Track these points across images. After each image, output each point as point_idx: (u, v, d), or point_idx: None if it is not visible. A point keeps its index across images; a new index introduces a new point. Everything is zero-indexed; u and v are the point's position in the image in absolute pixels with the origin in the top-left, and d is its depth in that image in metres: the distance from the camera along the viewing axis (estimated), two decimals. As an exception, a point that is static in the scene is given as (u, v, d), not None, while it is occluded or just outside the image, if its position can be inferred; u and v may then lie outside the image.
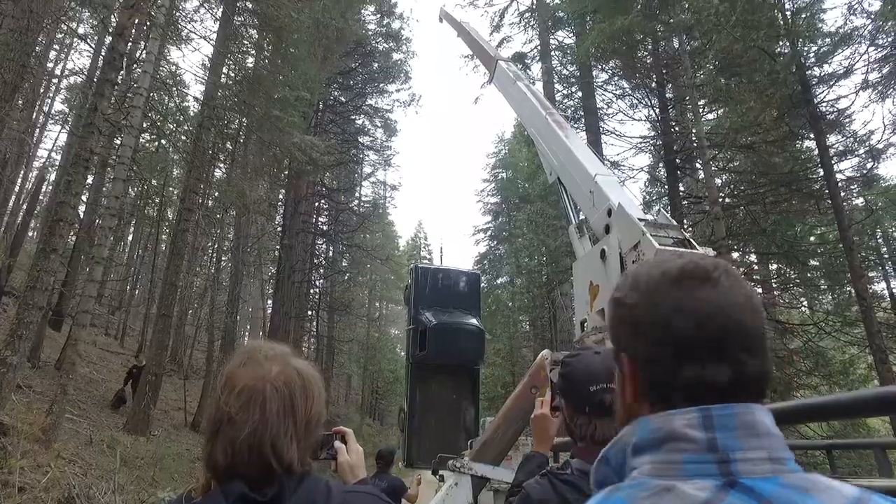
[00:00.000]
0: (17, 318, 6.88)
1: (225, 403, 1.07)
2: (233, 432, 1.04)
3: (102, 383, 15.65)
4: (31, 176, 29.74)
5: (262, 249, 29.70)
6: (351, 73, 25.84)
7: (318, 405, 1.15)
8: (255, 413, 1.05)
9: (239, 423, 1.04)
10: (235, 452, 1.03)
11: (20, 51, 10.91)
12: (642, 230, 5.31)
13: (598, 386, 1.48)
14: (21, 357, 6.94)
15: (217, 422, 1.06)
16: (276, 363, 1.13)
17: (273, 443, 1.04)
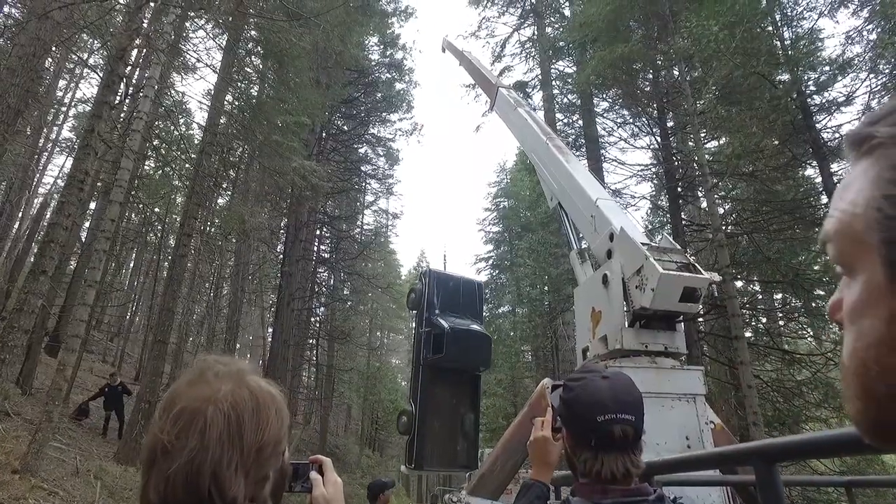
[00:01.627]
0: (1, 342, 6.70)
1: (160, 430, 0.91)
2: (166, 463, 0.86)
3: (96, 411, 15.32)
4: (36, 202, 29.91)
5: (262, 277, 29.58)
6: (354, 101, 26.10)
7: (274, 430, 0.98)
8: (193, 439, 0.89)
9: (174, 452, 0.87)
10: (168, 488, 0.86)
11: (25, 76, 11.00)
12: (645, 254, 5.17)
13: (607, 416, 1.31)
14: (4, 382, 6.72)
15: (152, 452, 0.90)
16: (226, 381, 0.97)
17: (214, 474, 0.87)
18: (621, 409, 1.32)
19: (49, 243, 7.28)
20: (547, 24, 21.66)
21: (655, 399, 4.89)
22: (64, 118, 33.11)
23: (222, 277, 24.48)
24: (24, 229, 27.64)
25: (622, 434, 1.30)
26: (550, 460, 1.68)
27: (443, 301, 9.46)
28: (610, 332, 5.34)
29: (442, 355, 8.82)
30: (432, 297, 9.33)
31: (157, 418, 0.92)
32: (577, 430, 1.36)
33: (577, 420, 1.35)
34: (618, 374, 1.42)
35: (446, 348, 8.82)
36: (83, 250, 18.88)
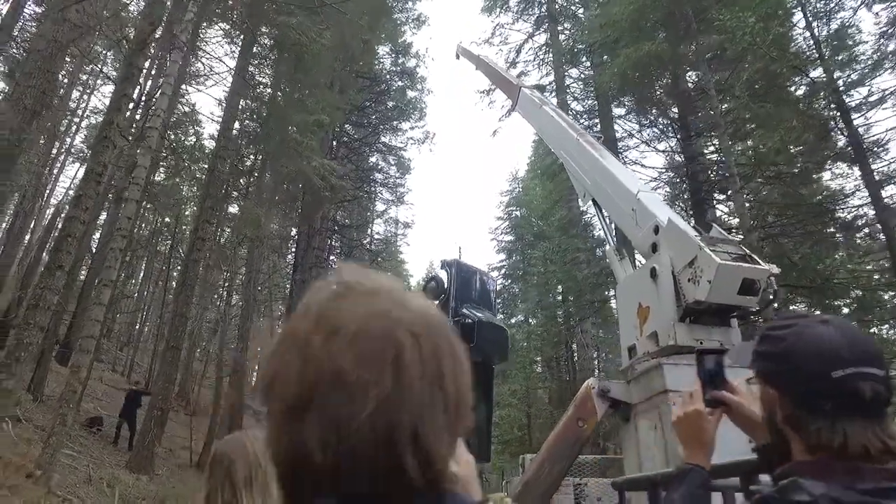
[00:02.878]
0: (15, 339, 6.44)
1: (327, 352, 0.59)
2: (342, 407, 0.57)
3: (107, 419, 15.04)
4: (48, 212, 29.91)
5: (272, 287, 29.35)
6: (365, 109, 25.98)
7: (469, 378, 0.68)
8: (386, 376, 0.59)
9: (355, 389, 0.57)
10: (343, 443, 0.56)
11: (42, 78, 10.90)
12: (699, 245, 4.86)
13: (847, 371, 0.96)
14: (18, 381, 6.47)
15: (308, 387, 0.59)
16: (406, 302, 0.66)
17: (416, 434, 0.58)
18: (864, 361, 0.97)
19: (66, 237, 7.06)
20: (561, 30, 21.53)
21: (713, 399, 4.56)
22: (77, 128, 33.25)
23: (234, 286, 24.25)
24: (35, 238, 27.60)
25: (873, 394, 0.96)
26: (706, 439, 1.36)
27: (462, 292, 9.33)
28: (661, 328, 5.01)
29: (472, 346, 8.74)
30: (458, 287, 9.18)
31: (310, 337, 0.60)
32: (800, 391, 1.01)
33: (801, 378, 1.00)
34: (841, 320, 1.08)
35: (477, 339, 8.69)
36: (94, 258, 18.74)
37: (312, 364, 0.59)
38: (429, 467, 0.58)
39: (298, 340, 0.64)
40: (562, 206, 24.40)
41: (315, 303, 0.67)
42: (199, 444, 17.05)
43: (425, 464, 0.58)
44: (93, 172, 7.47)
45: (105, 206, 19.25)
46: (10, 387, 6.20)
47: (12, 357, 6.25)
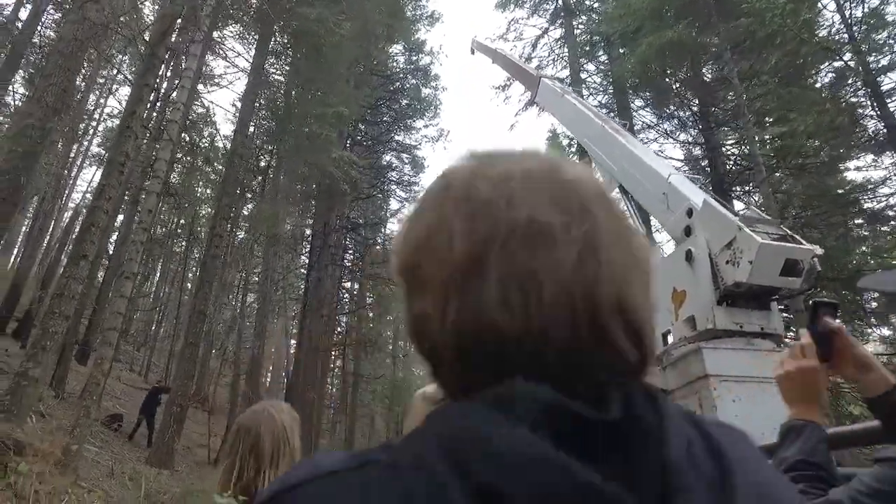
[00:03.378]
0: (41, 328, 6.43)
1: (504, 199, 0.48)
2: (532, 261, 0.45)
3: (126, 417, 15.11)
4: (66, 216, 30.22)
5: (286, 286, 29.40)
6: (379, 107, 25.93)
7: None
8: (584, 221, 0.46)
9: (549, 237, 0.45)
10: (545, 305, 0.44)
11: (62, 76, 10.96)
12: (738, 225, 4.70)
13: None
14: (45, 371, 6.45)
15: (481, 241, 0.47)
16: (566, 162, 0.55)
17: (620, 295, 0.46)
18: None
19: (90, 227, 7.05)
20: (577, 24, 21.35)
21: (756, 384, 4.39)
22: (94, 132, 33.61)
23: (249, 285, 24.34)
24: (55, 240, 27.89)
25: None
26: (818, 396, 1.23)
27: None
28: (698, 312, 4.86)
29: None
30: None
31: (472, 187, 0.50)
32: None
33: None
34: None
35: None
36: (111, 258, 18.87)
37: (483, 214, 0.48)
38: (639, 343, 0.46)
39: (454, 194, 0.52)
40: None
41: (457, 167, 0.56)
42: (217, 442, 17.08)
43: (635, 338, 0.46)
44: (115, 162, 7.46)
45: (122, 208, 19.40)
46: (37, 375, 6.19)
47: (38, 346, 6.24)
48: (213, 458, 16.31)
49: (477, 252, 0.47)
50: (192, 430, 17.87)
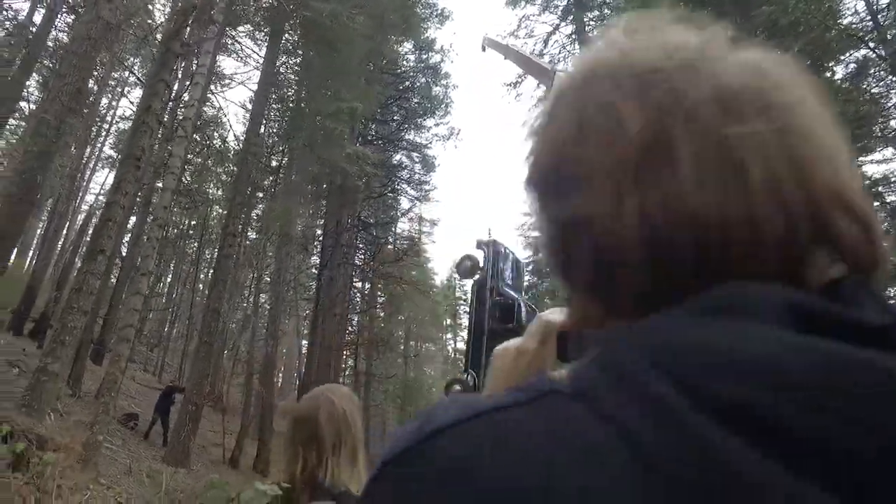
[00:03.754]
0: (59, 323, 6.42)
1: (673, 59, 0.40)
2: (733, 136, 0.36)
3: (140, 416, 15.18)
4: (79, 218, 30.49)
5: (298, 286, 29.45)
6: (389, 105, 25.86)
7: None
8: (786, 95, 0.38)
9: (756, 108, 0.37)
10: (753, 191, 0.35)
11: (77, 76, 11.00)
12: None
13: None
14: (64, 366, 6.45)
15: (659, 118, 0.38)
16: None
17: (841, 186, 0.37)
18: None
19: (107, 222, 7.04)
20: (588, 20, 21.20)
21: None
22: (105, 136, 33.87)
23: (261, 285, 24.38)
24: (69, 242, 28.11)
25: None
26: None
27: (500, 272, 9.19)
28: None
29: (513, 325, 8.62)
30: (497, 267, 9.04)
31: (638, 58, 0.41)
32: None
33: None
34: None
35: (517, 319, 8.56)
36: (124, 259, 18.97)
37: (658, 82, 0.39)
38: (869, 239, 0.37)
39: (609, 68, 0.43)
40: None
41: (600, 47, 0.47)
42: (231, 442, 17.11)
43: (864, 232, 0.37)
44: (131, 157, 7.45)
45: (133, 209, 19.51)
46: (57, 370, 6.18)
47: (57, 341, 6.23)
48: (228, 457, 16.35)
49: (658, 128, 0.38)
50: (206, 430, 17.92)
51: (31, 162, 9.60)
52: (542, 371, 0.86)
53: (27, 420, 5.23)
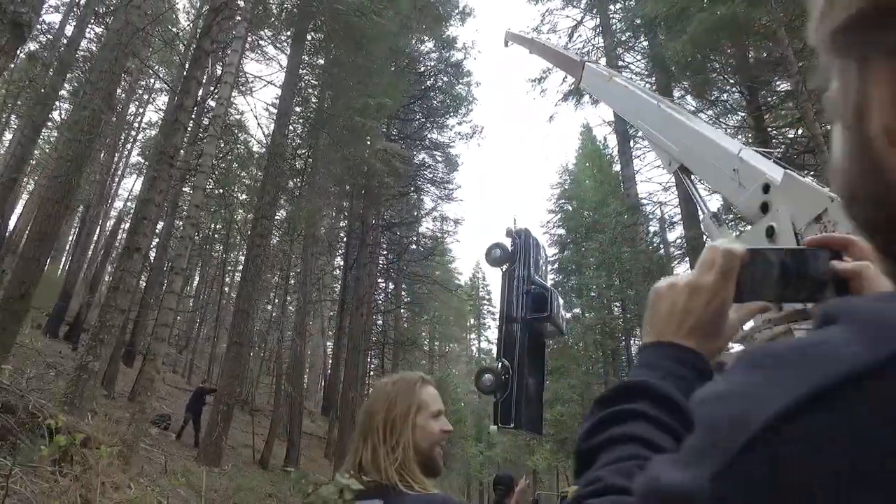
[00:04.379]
0: (99, 321, 6.47)
1: None
2: None
3: (171, 417, 15.36)
4: (109, 224, 31.12)
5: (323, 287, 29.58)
6: (411, 105, 25.80)
7: None
8: None
9: None
10: None
11: (107, 80, 11.15)
12: (830, 196, 4.33)
13: None
14: (103, 363, 6.48)
15: None
16: None
17: None
18: None
19: (142, 220, 7.08)
20: (612, 12, 20.88)
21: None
22: (133, 143, 34.55)
23: (288, 286, 24.55)
24: (100, 247, 28.67)
25: None
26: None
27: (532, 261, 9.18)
28: (786, 292, 4.49)
29: (547, 314, 8.60)
30: (528, 256, 9.00)
31: None
32: None
33: None
34: None
35: (552, 307, 8.57)
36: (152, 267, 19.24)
37: None
38: None
39: None
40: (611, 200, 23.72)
41: None
42: (260, 443, 17.20)
43: None
44: (165, 154, 7.48)
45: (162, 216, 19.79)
46: (96, 368, 6.22)
47: (96, 339, 6.28)
48: (258, 457, 16.43)
49: None
50: (235, 431, 18.06)
51: (65, 166, 9.75)
52: (722, 312, 0.70)
53: (70, 418, 5.24)
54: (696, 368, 0.67)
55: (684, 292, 0.70)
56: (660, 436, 0.59)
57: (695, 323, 0.69)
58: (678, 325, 0.69)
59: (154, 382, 7.08)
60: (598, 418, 0.64)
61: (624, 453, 0.58)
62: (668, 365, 0.67)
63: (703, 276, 0.69)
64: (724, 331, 0.71)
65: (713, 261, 0.69)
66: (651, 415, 0.61)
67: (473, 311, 51.07)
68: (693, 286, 0.69)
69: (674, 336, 0.69)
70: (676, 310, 0.70)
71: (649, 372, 0.67)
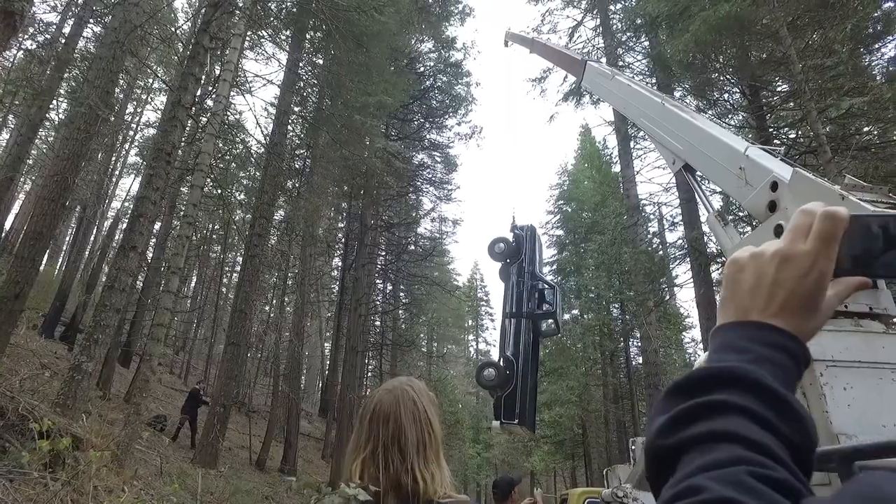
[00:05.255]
0: (93, 321, 6.33)
1: None
2: None
3: (167, 418, 15.22)
4: (105, 225, 30.94)
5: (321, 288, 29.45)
6: (410, 105, 25.67)
7: None
8: None
9: None
10: None
11: (105, 78, 11.05)
12: (841, 194, 4.23)
13: None
14: (97, 364, 6.36)
15: None
16: None
17: None
18: None
19: (138, 218, 6.95)
20: (612, 13, 20.81)
21: (868, 370, 3.92)
22: (131, 143, 34.42)
23: (286, 287, 24.43)
24: (97, 247, 28.52)
25: None
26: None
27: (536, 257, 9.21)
28: (795, 292, 4.39)
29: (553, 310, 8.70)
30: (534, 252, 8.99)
31: None
32: None
33: None
34: None
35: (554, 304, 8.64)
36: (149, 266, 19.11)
37: None
38: None
39: None
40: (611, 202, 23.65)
41: None
42: (257, 444, 17.09)
43: None
44: (162, 151, 7.35)
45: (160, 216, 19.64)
46: (90, 369, 6.09)
47: (91, 339, 6.14)
48: (255, 459, 16.31)
49: None
50: (232, 432, 17.93)
51: (62, 164, 9.63)
52: (821, 286, 0.59)
53: (62, 420, 5.12)
54: (792, 354, 0.56)
55: (773, 262, 0.59)
56: (762, 434, 0.47)
57: (787, 298, 0.57)
58: (767, 302, 0.58)
59: (149, 383, 6.95)
60: (677, 411, 0.53)
61: (724, 455, 0.46)
62: (758, 349, 0.55)
63: (796, 243, 0.58)
64: (822, 310, 0.59)
65: (809, 225, 0.59)
66: (747, 407, 0.49)
67: (471, 312, 51.00)
68: (785, 255, 0.58)
69: (762, 314, 0.58)
70: (764, 283, 0.59)
71: (735, 355, 0.55)
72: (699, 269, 14.77)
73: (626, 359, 25.94)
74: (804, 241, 0.57)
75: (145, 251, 13.40)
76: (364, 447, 1.37)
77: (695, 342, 27.15)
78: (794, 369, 0.55)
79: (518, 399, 8.78)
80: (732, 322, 0.60)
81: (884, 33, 9.40)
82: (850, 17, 8.36)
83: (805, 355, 0.57)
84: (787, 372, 0.54)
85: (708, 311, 14.51)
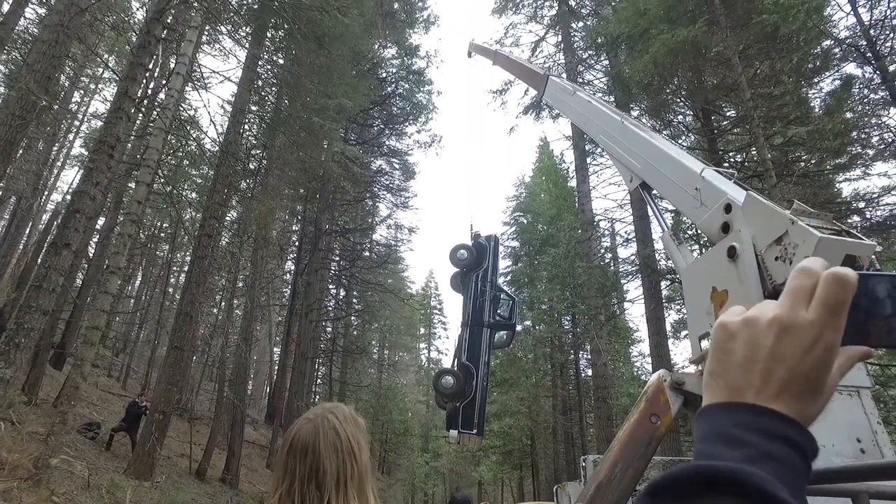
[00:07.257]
0: (15, 323, 5.82)
1: None
2: None
3: (102, 425, 14.37)
4: (44, 218, 29.29)
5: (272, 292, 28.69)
6: (370, 110, 25.46)
7: None
8: None
9: None
10: None
11: (46, 63, 10.44)
12: (791, 219, 4.35)
13: None
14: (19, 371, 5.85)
15: None
16: None
17: None
18: None
19: (74, 213, 6.47)
20: (573, 31, 21.22)
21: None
22: (76, 134, 32.85)
23: (235, 290, 23.64)
24: (32, 242, 26.96)
25: None
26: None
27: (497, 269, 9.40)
28: (744, 313, 4.47)
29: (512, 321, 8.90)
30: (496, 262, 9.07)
31: None
32: None
33: None
34: None
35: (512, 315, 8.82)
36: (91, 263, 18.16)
37: None
38: None
39: None
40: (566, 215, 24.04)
41: None
42: (198, 452, 16.37)
43: None
44: (104, 144, 6.89)
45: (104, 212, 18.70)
46: (8, 377, 5.58)
47: (11, 343, 5.62)
48: (195, 468, 15.61)
49: None
50: (172, 439, 17.13)
51: (-8, 150, 8.98)
52: (827, 363, 0.49)
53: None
54: (799, 448, 0.45)
55: (771, 332, 0.49)
56: None
57: (788, 377, 0.47)
58: (764, 380, 0.48)
59: (79, 390, 6.48)
60: None
61: None
62: (757, 441, 0.45)
63: (797, 310, 0.48)
64: (827, 388, 0.50)
65: (811, 288, 0.49)
66: None
67: (425, 320, 50.81)
68: (785, 324, 0.48)
69: (758, 396, 0.48)
70: (760, 356, 0.49)
71: (728, 449, 0.45)
72: (650, 285, 15.12)
73: (576, 371, 26.28)
74: (806, 308, 0.48)
75: (84, 249, 12.66)
76: (281, 482, 1.26)
77: (642, 356, 27.80)
78: (803, 468, 0.45)
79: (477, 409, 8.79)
80: (723, 403, 0.50)
81: (822, 69, 9.95)
82: (796, 50, 8.76)
83: (814, 449, 0.47)
84: (795, 472, 0.44)
85: (657, 326, 14.85)
